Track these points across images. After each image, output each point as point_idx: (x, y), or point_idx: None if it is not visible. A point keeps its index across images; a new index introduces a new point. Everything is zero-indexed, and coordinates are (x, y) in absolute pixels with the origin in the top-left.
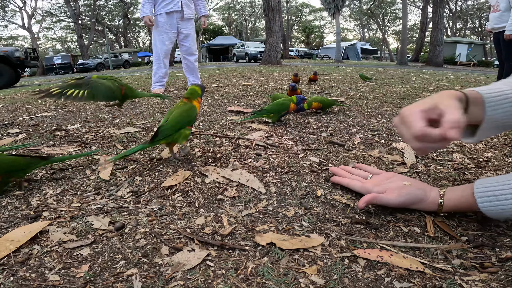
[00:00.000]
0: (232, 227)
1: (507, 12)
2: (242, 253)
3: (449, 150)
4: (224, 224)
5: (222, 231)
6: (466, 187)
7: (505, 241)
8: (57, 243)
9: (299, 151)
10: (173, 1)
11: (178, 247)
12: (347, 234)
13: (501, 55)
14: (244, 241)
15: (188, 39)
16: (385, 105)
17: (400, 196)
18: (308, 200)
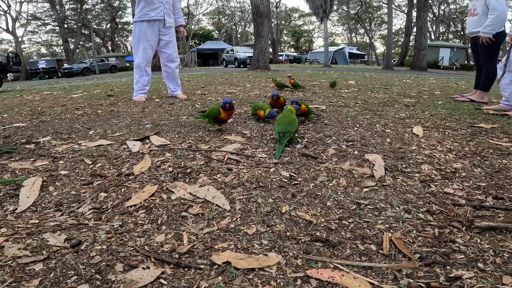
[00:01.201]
0: (191, 245)
1: (484, 16)
2: (197, 272)
3: (418, 161)
4: (184, 242)
5: (180, 249)
6: None
7: (458, 258)
8: (11, 258)
9: (271, 165)
10: (156, 10)
11: (133, 265)
12: (305, 252)
13: (479, 60)
14: (201, 260)
15: (169, 46)
16: (364, 113)
17: None
18: (271, 217)
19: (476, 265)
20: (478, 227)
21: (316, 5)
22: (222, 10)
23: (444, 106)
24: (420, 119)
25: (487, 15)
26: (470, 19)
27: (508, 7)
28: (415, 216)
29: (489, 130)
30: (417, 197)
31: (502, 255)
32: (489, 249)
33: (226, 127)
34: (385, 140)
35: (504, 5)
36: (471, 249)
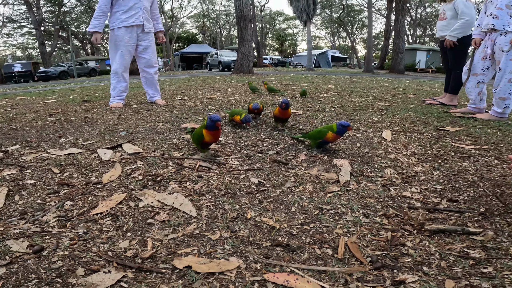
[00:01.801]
0: (154, 250)
1: (453, 20)
2: (159, 276)
3: (383, 165)
4: (148, 248)
5: (143, 254)
6: None
7: (406, 262)
8: None
9: (242, 172)
10: (135, 15)
11: (95, 269)
12: (265, 257)
13: (448, 63)
14: (163, 264)
15: (148, 51)
16: (339, 118)
17: None
18: (237, 223)
19: (421, 268)
20: (428, 230)
21: (299, 9)
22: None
23: (415, 109)
24: (391, 123)
25: (456, 19)
26: (440, 23)
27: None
28: (372, 220)
29: (453, 133)
30: (377, 201)
31: (448, 258)
32: (435, 252)
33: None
34: (355, 144)
35: (472, 9)
36: (419, 252)
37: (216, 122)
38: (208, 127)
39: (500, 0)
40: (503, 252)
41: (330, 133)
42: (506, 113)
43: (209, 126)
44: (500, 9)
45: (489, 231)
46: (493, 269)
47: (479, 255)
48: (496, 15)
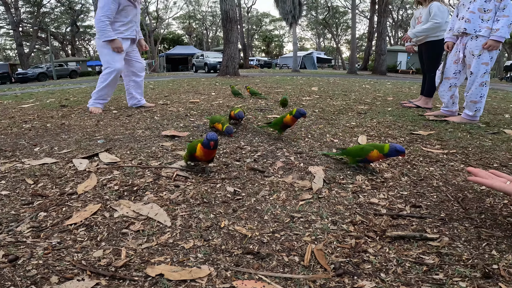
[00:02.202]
0: (128, 259)
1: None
2: (132, 283)
3: (354, 172)
4: (121, 257)
5: (117, 262)
6: None
7: (366, 268)
8: None
9: (218, 181)
10: (131, 29)
11: (68, 277)
12: (235, 265)
13: (424, 67)
14: (136, 272)
15: (138, 57)
16: (318, 122)
17: None
18: (210, 232)
19: (379, 275)
20: (389, 237)
21: (285, 11)
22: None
23: (392, 112)
24: (367, 127)
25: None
26: (416, 27)
27: (449, 14)
28: (339, 227)
29: (425, 137)
30: (346, 208)
31: (404, 264)
32: (393, 259)
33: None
34: (331, 150)
35: (445, 13)
36: (379, 259)
37: (210, 141)
38: (204, 145)
39: (472, 3)
40: (456, 258)
41: (376, 152)
42: (477, 116)
43: (204, 144)
44: (472, 13)
45: (444, 237)
46: (444, 275)
47: (433, 261)
48: (468, 18)
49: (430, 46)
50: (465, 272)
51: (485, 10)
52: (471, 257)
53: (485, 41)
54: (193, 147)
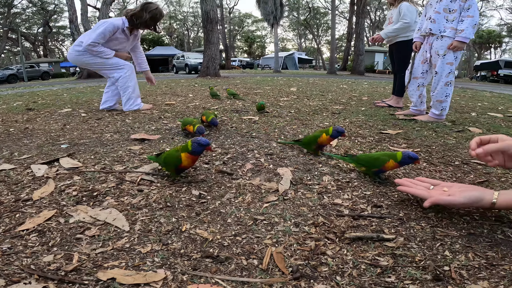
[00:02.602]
0: (79, 263)
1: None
2: (82, 287)
3: (323, 172)
4: (73, 261)
5: (67, 267)
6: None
7: (323, 271)
8: None
9: (184, 184)
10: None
11: (15, 280)
12: (193, 269)
13: (394, 67)
14: (86, 276)
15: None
16: (293, 123)
17: (463, 198)
18: (170, 236)
19: (335, 278)
20: (347, 238)
21: (267, 12)
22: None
23: (365, 112)
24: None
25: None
26: (387, 27)
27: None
28: (301, 230)
29: (393, 136)
30: (309, 210)
31: (360, 266)
32: (350, 261)
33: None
34: (302, 151)
35: (414, 13)
36: (336, 261)
37: (207, 146)
38: (194, 152)
39: (438, 3)
40: (409, 260)
41: (392, 162)
42: (443, 115)
43: (196, 152)
44: (437, 13)
45: (400, 237)
46: (396, 278)
47: (387, 263)
48: (433, 19)
49: (400, 46)
50: (416, 274)
51: (450, 10)
52: (423, 258)
53: (450, 41)
54: (175, 159)
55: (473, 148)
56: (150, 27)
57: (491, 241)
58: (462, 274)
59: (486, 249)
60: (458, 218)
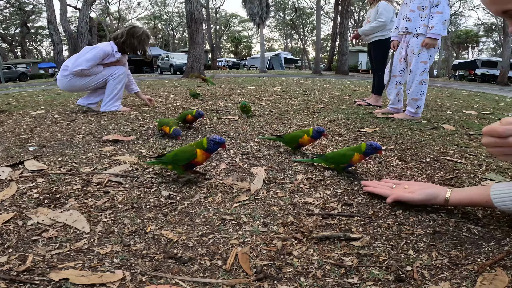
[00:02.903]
0: (32, 264)
1: None
2: (33, 287)
3: (296, 171)
4: (26, 262)
5: (20, 268)
6: (473, 188)
7: (287, 272)
8: None
9: (154, 185)
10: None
11: None
12: (154, 269)
13: (373, 65)
14: (39, 277)
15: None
16: (273, 122)
17: (420, 195)
18: (133, 237)
19: (299, 279)
20: (315, 238)
21: (253, 12)
22: (159, 15)
23: (345, 111)
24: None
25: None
26: (365, 25)
27: (394, 13)
28: (269, 229)
29: (369, 134)
30: (280, 209)
31: (324, 267)
32: (315, 261)
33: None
34: (278, 150)
35: (391, 12)
36: (301, 261)
37: (222, 144)
38: (209, 150)
39: (412, 1)
40: (374, 259)
41: (357, 155)
42: (419, 113)
43: (210, 149)
44: (412, 11)
45: (366, 236)
46: (359, 279)
47: (351, 263)
48: (409, 17)
49: (377, 45)
50: (379, 275)
51: (423, 8)
52: (387, 258)
53: (423, 38)
54: (190, 153)
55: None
56: (138, 51)
57: (456, 239)
58: (424, 274)
59: (450, 247)
60: (425, 216)
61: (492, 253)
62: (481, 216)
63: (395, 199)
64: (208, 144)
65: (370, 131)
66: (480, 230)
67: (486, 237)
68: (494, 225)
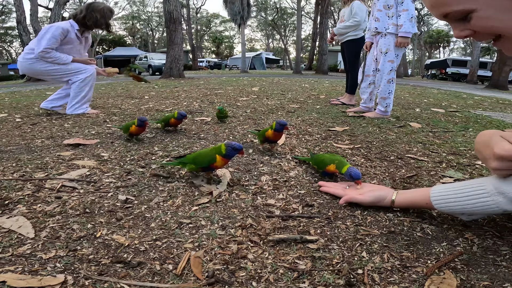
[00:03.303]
0: None
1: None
2: None
3: (262, 172)
4: None
5: None
6: (416, 191)
7: (240, 276)
8: None
9: (112, 189)
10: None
11: None
12: (99, 274)
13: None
14: None
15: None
16: (245, 123)
17: (370, 197)
18: (81, 242)
19: (251, 284)
20: (271, 241)
21: (234, 12)
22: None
23: (319, 110)
24: (291, 126)
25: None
26: (339, 25)
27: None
28: (227, 232)
29: (339, 133)
30: (240, 212)
31: (278, 271)
32: (269, 265)
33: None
34: (247, 151)
35: (364, 12)
36: (255, 265)
37: (240, 150)
38: (227, 156)
39: (379, 1)
40: (327, 263)
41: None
42: (388, 111)
43: (228, 155)
44: (380, 11)
45: (323, 238)
46: (310, 283)
47: (304, 267)
48: (377, 17)
49: (350, 44)
50: (330, 279)
51: (388, 7)
52: (341, 261)
53: (392, 37)
54: (210, 157)
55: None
56: (101, 26)
57: (409, 240)
58: (374, 278)
59: (402, 248)
60: (382, 215)
61: (443, 254)
62: (435, 214)
63: (347, 200)
64: (226, 151)
65: (340, 130)
66: (434, 230)
67: (439, 237)
68: (447, 224)
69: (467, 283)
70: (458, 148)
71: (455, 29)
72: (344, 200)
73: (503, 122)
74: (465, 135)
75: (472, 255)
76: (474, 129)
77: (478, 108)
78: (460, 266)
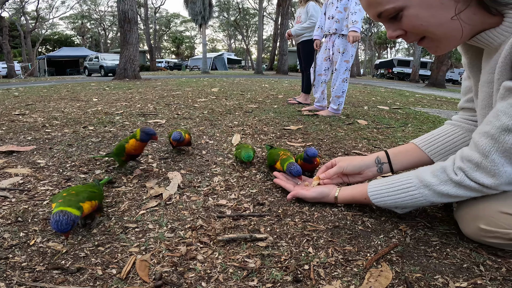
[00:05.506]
0: None
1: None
2: None
3: (215, 173)
4: None
5: None
6: (356, 186)
7: (189, 277)
8: None
9: (48, 197)
10: None
11: None
12: (34, 280)
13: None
14: None
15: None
16: (201, 124)
17: (313, 192)
18: (12, 251)
19: (200, 284)
20: (221, 241)
21: (195, 12)
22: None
23: (276, 110)
24: (247, 126)
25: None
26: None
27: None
28: (176, 235)
29: (293, 132)
30: (191, 213)
31: (228, 270)
32: (219, 265)
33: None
34: (201, 152)
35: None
36: (205, 266)
37: (153, 135)
38: (141, 140)
39: (339, 2)
40: (275, 260)
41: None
42: (340, 110)
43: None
44: (340, 12)
45: (272, 235)
46: (259, 281)
47: (254, 265)
48: (337, 19)
49: (305, 45)
50: (278, 276)
51: (345, 9)
52: (288, 257)
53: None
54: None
55: (320, 173)
56: None
57: (351, 233)
58: (320, 273)
59: (345, 242)
60: (328, 211)
61: (380, 247)
62: (375, 208)
63: (293, 195)
64: (140, 136)
65: (295, 128)
66: (373, 223)
67: (377, 229)
68: (385, 217)
69: (401, 275)
70: (397, 143)
71: (388, 29)
72: (291, 195)
73: (439, 118)
74: (404, 131)
75: (405, 247)
76: (413, 124)
77: (418, 105)
78: (396, 258)
